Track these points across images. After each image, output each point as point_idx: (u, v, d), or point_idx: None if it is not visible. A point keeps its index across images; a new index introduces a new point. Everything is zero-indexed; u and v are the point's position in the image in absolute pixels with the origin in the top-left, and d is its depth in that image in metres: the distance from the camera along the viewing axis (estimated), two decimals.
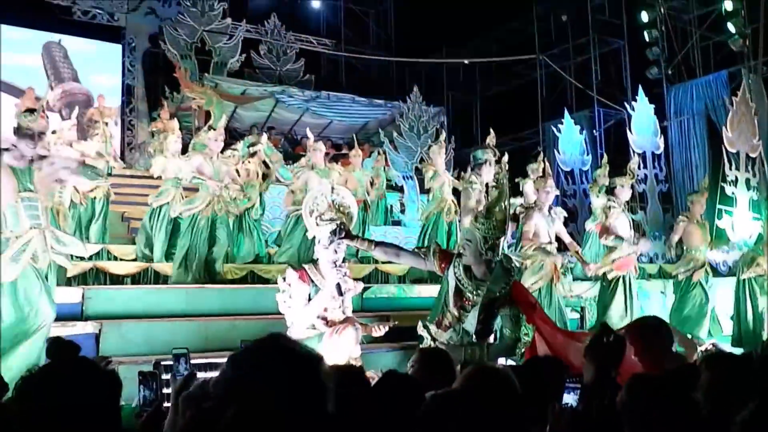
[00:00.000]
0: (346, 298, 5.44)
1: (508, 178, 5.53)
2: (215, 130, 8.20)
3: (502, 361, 4.88)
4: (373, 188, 11.09)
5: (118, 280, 7.92)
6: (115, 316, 6.53)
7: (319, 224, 5.42)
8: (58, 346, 2.03)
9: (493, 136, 6.68)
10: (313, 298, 5.28)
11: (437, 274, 5.34)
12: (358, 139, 12.16)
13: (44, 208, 5.16)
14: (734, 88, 13.85)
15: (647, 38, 15.50)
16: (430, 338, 4.97)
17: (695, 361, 3.87)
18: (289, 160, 12.63)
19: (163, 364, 4.54)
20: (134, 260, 8.48)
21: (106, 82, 16.52)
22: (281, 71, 18.34)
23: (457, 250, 5.13)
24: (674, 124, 15.29)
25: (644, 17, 15.59)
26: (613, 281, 8.12)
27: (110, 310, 6.67)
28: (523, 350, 4.77)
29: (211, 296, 7.44)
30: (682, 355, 4.01)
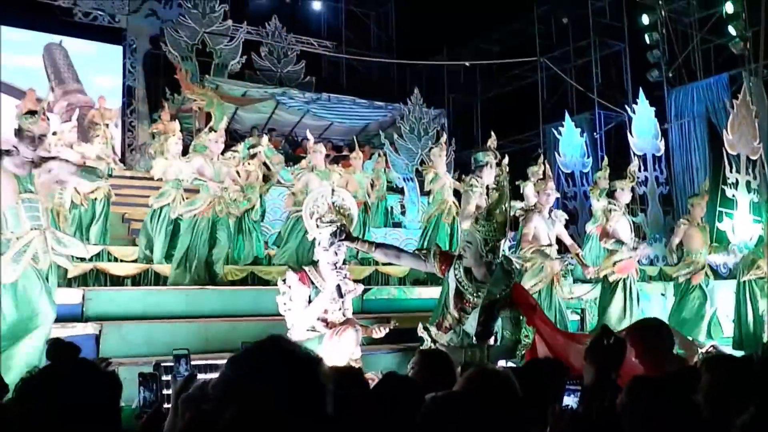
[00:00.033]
0: (346, 299, 5.44)
1: (508, 180, 5.53)
2: (216, 131, 8.21)
3: (502, 362, 4.88)
4: (373, 190, 11.09)
5: (118, 281, 7.93)
6: (115, 317, 6.53)
7: (319, 226, 5.42)
8: (58, 347, 2.03)
9: (494, 138, 6.68)
10: (313, 300, 5.28)
11: (438, 275, 5.34)
12: (358, 141, 12.16)
13: (45, 209, 5.16)
14: (735, 90, 13.85)
15: (648, 41, 15.50)
16: (430, 340, 4.96)
17: (696, 363, 3.87)
18: (289, 161, 12.64)
19: (163, 365, 4.54)
20: (134, 261, 8.49)
21: (106, 83, 16.52)
22: (282, 73, 18.35)
23: (457, 252, 5.13)
24: (675, 126, 15.29)
25: (645, 20, 15.60)
26: (614, 283, 8.12)
27: (110, 311, 6.67)
28: (523, 352, 4.77)
29: (211, 297, 7.44)
30: (682, 357, 4.00)
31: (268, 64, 18.30)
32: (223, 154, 8.28)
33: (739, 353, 7.12)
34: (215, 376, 1.72)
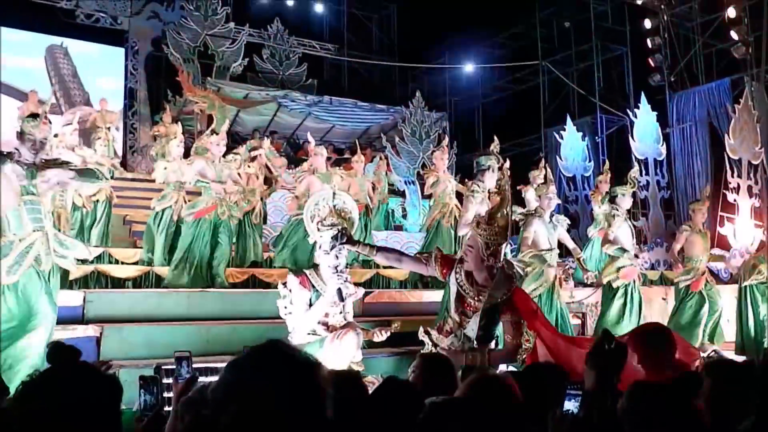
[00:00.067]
0: (347, 303, 5.43)
1: (510, 184, 5.51)
2: (218, 134, 8.21)
3: (503, 367, 4.87)
4: (375, 193, 11.09)
5: (119, 283, 7.92)
6: (116, 319, 6.53)
7: (320, 229, 5.40)
8: (58, 350, 2.03)
9: (497, 142, 6.67)
10: (314, 303, 5.27)
11: (440, 279, 5.33)
12: (360, 143, 12.17)
13: (47, 211, 5.16)
14: (737, 95, 13.86)
15: (650, 45, 15.52)
16: (431, 344, 4.95)
17: (697, 368, 3.86)
18: (291, 164, 12.64)
19: (164, 368, 4.54)
20: (135, 264, 8.49)
21: (108, 85, 16.57)
22: (284, 75, 18.38)
23: (459, 255, 5.12)
24: (676, 131, 15.30)
25: (647, 24, 15.63)
26: (615, 288, 8.12)
27: (111, 313, 6.67)
28: (524, 356, 4.76)
29: (212, 300, 7.43)
30: (684, 362, 3.99)
31: (270, 66, 18.32)
32: (224, 156, 8.28)
33: (741, 358, 7.13)
34: (216, 379, 1.72)
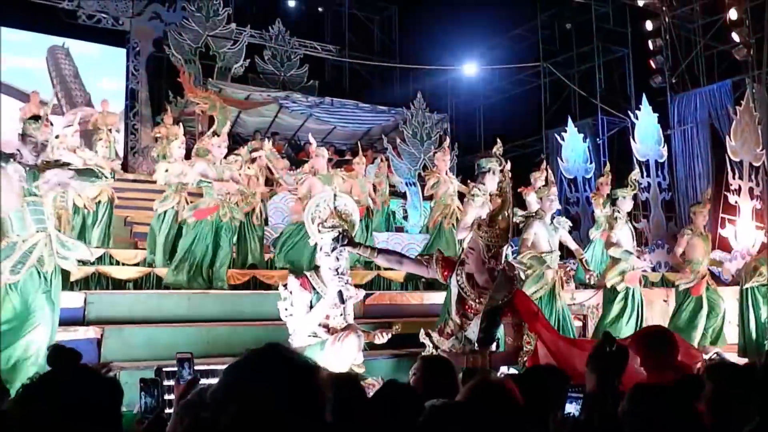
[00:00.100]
0: (347, 305, 5.42)
1: (511, 186, 5.50)
2: (219, 136, 8.20)
3: (504, 369, 4.87)
4: (376, 194, 11.09)
5: (120, 284, 7.91)
6: (116, 320, 6.53)
7: (321, 231, 5.40)
8: (58, 353, 2.02)
9: (499, 145, 6.66)
10: (314, 305, 5.27)
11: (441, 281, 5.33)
12: (361, 145, 12.16)
13: (49, 212, 5.17)
14: (738, 97, 13.84)
15: (651, 47, 15.51)
16: (432, 346, 4.95)
17: (698, 370, 3.86)
18: (293, 165, 12.63)
19: (165, 370, 4.53)
20: (137, 265, 8.48)
21: (110, 86, 16.58)
22: (285, 77, 18.39)
23: (459, 257, 5.11)
24: (678, 132, 15.28)
25: (648, 26, 15.61)
26: (617, 290, 8.12)
27: (112, 314, 6.67)
28: (525, 359, 4.75)
29: (212, 302, 7.43)
30: (686, 364, 3.99)
31: (271, 67, 18.34)
32: (225, 158, 8.28)
33: (744, 360, 7.12)
34: (216, 381, 1.72)
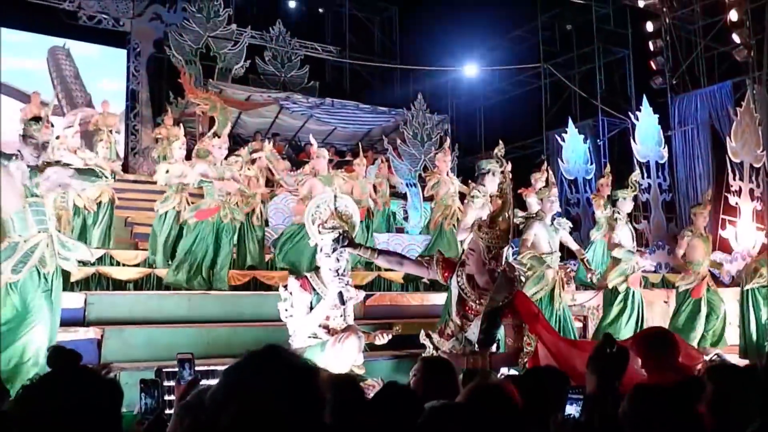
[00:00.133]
0: (347, 306, 5.42)
1: (512, 187, 5.50)
2: (220, 137, 8.20)
3: (504, 370, 4.86)
4: (377, 195, 11.08)
5: (120, 285, 7.91)
6: (117, 321, 6.52)
7: (321, 232, 5.40)
8: (58, 354, 2.02)
9: (501, 146, 6.65)
10: (314, 306, 5.26)
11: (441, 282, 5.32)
12: (362, 146, 12.16)
13: (51, 213, 5.18)
14: (738, 98, 13.83)
15: (652, 48, 15.51)
16: (432, 347, 4.95)
17: (699, 371, 3.86)
18: (293, 166, 12.63)
19: (165, 370, 4.53)
20: (137, 265, 8.48)
21: (110, 86, 16.59)
22: (286, 77, 18.40)
23: (460, 259, 5.11)
24: (678, 133, 15.28)
25: (649, 27, 15.61)
26: (617, 291, 8.12)
27: (112, 315, 6.67)
28: (525, 360, 4.75)
29: (212, 302, 7.43)
30: (687, 365, 3.98)
31: (271, 68, 18.35)
32: (226, 159, 8.27)
33: (745, 362, 7.12)
34: (216, 382, 1.72)
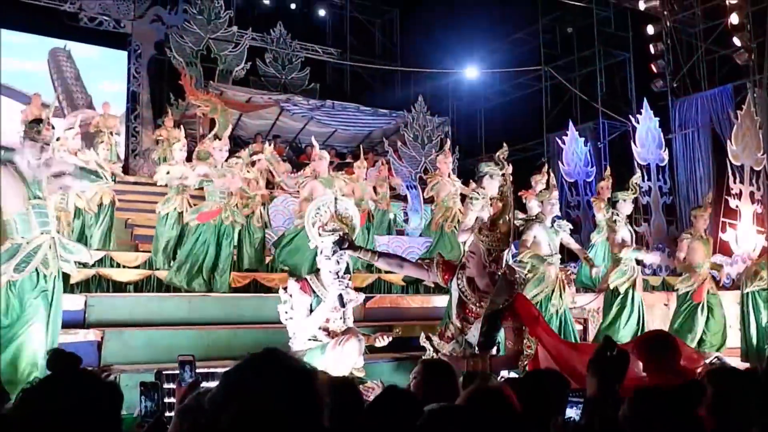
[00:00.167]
0: (347, 309, 5.42)
1: (512, 190, 5.50)
2: (221, 139, 8.19)
3: (504, 373, 4.86)
4: (378, 197, 11.08)
5: (120, 287, 7.89)
6: (117, 323, 6.52)
7: (321, 234, 5.40)
8: (58, 357, 2.02)
9: (505, 149, 6.64)
10: (314, 309, 5.26)
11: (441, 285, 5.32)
12: (363, 148, 12.16)
13: (53, 215, 5.19)
14: (739, 101, 13.86)
15: (653, 51, 15.52)
16: (432, 349, 4.95)
17: (699, 374, 3.85)
18: (294, 168, 12.63)
19: (164, 373, 4.52)
20: (137, 267, 8.47)
21: (111, 88, 16.60)
22: (286, 79, 18.41)
23: (460, 261, 5.11)
24: (679, 136, 15.29)
25: (650, 30, 15.63)
26: (617, 293, 8.12)
27: (112, 317, 6.66)
28: (525, 363, 4.75)
29: (213, 304, 7.42)
30: (688, 368, 3.98)
31: (272, 70, 18.36)
32: (226, 160, 8.27)
33: (746, 365, 7.12)
34: (216, 384, 1.71)
